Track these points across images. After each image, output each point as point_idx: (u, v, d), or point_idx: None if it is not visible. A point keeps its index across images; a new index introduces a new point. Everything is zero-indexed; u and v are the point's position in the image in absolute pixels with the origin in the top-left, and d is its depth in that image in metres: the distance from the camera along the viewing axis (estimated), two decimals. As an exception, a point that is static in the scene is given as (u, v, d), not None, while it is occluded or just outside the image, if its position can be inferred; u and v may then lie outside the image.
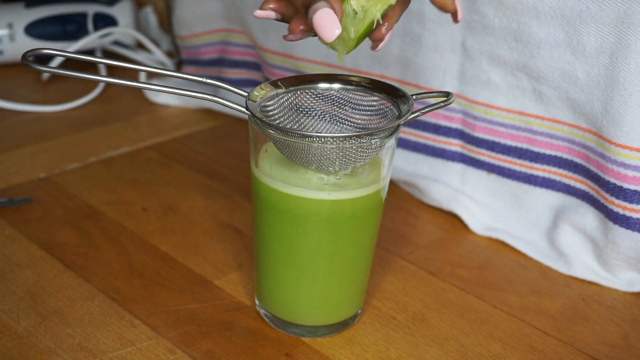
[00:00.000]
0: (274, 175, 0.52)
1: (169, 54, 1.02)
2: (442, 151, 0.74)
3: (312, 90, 0.54)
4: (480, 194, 0.72)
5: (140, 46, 1.02)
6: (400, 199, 0.75)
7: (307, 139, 0.49)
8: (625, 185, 0.61)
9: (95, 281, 0.60)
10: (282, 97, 0.54)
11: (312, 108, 0.55)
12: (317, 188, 0.51)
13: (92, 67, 0.97)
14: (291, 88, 0.54)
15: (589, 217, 0.65)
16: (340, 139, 0.48)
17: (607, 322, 0.60)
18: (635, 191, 0.61)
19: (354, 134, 0.49)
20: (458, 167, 0.73)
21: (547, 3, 0.62)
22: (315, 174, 0.52)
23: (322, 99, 0.55)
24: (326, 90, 0.54)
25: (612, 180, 0.62)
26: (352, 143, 0.49)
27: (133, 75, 0.95)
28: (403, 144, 0.76)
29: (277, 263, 0.54)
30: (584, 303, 0.62)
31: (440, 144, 0.74)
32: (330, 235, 0.52)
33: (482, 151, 0.71)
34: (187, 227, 0.68)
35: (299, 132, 0.49)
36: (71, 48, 0.93)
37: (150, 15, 1.05)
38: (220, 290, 0.60)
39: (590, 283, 0.64)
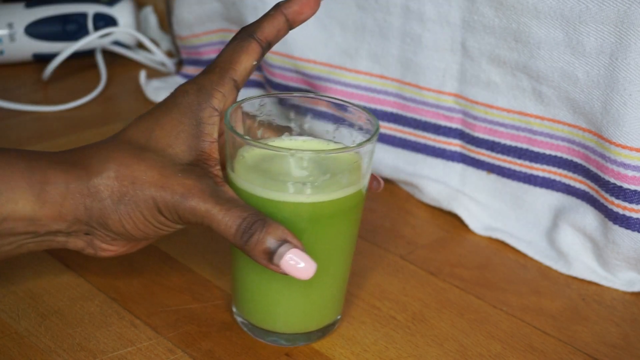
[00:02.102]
0: (252, 180, 0.51)
1: (169, 54, 1.02)
2: (442, 151, 0.74)
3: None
4: (480, 194, 0.72)
5: (140, 46, 1.02)
6: (400, 199, 0.75)
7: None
8: (625, 185, 0.61)
9: (95, 281, 0.60)
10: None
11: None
12: (295, 191, 0.50)
13: (92, 67, 0.97)
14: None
15: (588, 217, 0.65)
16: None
17: (607, 322, 0.60)
18: (635, 191, 0.61)
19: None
20: (458, 167, 0.73)
21: (547, 3, 0.62)
22: (293, 178, 0.51)
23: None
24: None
25: (612, 180, 0.62)
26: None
27: (133, 75, 0.95)
28: (403, 144, 0.76)
29: (255, 269, 0.53)
30: (584, 303, 0.62)
31: (440, 144, 0.74)
32: (309, 239, 0.50)
33: (482, 151, 0.71)
34: (187, 227, 0.68)
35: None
36: (71, 48, 0.93)
37: (150, 15, 1.05)
38: (220, 290, 0.60)
39: (590, 283, 0.64)
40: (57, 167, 0.49)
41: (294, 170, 0.51)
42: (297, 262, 0.47)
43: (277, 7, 0.53)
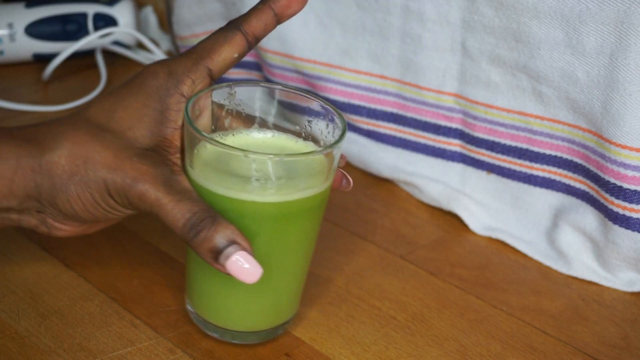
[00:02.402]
0: (208, 176, 0.49)
1: (169, 54, 1.02)
2: (442, 151, 0.74)
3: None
4: (480, 194, 0.72)
5: (140, 46, 1.02)
6: (400, 199, 0.75)
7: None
8: (625, 185, 0.61)
9: (95, 281, 0.60)
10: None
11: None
12: (252, 191, 0.48)
13: (92, 67, 0.97)
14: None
15: (588, 217, 0.65)
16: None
17: (607, 322, 0.60)
18: (635, 191, 0.61)
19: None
20: (458, 167, 0.73)
21: (547, 3, 0.62)
22: (251, 177, 0.49)
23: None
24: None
25: (612, 180, 0.62)
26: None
27: (133, 75, 0.95)
28: (403, 144, 0.76)
29: (210, 268, 0.50)
30: (584, 303, 0.62)
31: (440, 144, 0.74)
32: (264, 239, 0.49)
33: (482, 151, 0.71)
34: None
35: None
36: (71, 48, 0.93)
37: (150, 15, 1.05)
38: (220, 290, 0.60)
39: (590, 283, 0.64)
40: (11, 143, 0.48)
41: (252, 169, 0.48)
42: (243, 265, 0.46)
43: (265, 1, 0.52)
